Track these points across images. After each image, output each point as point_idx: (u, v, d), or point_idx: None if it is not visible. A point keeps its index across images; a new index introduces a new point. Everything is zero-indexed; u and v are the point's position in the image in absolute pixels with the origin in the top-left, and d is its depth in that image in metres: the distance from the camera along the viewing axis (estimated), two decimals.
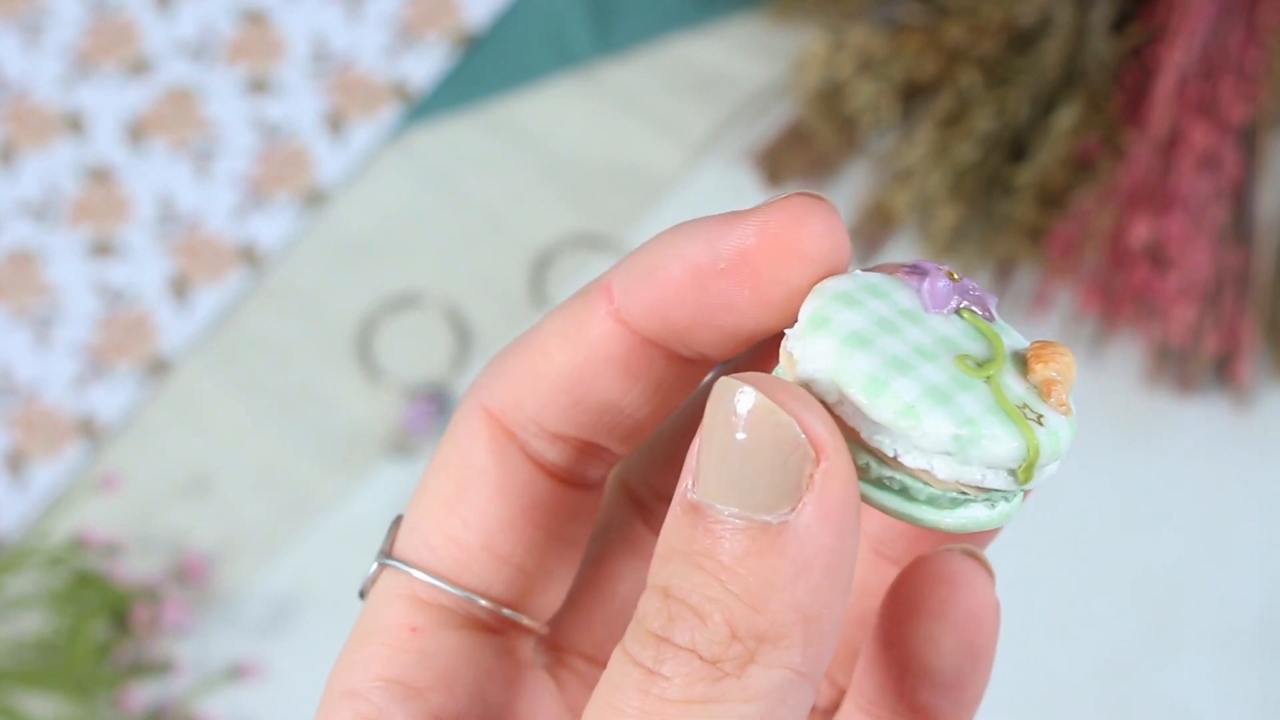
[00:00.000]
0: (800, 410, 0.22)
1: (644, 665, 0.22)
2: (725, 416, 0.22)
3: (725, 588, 0.21)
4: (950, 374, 0.23)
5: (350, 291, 0.73)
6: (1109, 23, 0.67)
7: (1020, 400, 0.23)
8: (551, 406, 0.26)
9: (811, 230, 0.24)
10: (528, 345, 0.27)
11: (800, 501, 0.21)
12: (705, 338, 0.25)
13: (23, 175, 0.76)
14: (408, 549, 0.27)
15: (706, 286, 0.25)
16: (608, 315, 0.26)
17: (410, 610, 0.26)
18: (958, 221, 0.67)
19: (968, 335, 0.24)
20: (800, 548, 0.21)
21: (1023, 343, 0.25)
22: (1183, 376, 0.68)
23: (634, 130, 0.75)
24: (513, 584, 0.27)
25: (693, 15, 0.76)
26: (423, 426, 0.70)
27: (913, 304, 0.24)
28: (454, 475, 0.27)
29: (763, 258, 0.24)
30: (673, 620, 0.22)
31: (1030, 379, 0.24)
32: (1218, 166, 0.65)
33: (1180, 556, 0.67)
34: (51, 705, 0.65)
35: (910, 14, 0.70)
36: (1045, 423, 0.23)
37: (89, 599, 0.66)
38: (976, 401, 0.23)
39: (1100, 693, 0.65)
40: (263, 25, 0.78)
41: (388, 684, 0.26)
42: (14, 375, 0.73)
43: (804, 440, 0.21)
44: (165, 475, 0.71)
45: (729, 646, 0.21)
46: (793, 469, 0.21)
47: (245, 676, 0.67)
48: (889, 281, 0.24)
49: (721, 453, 0.22)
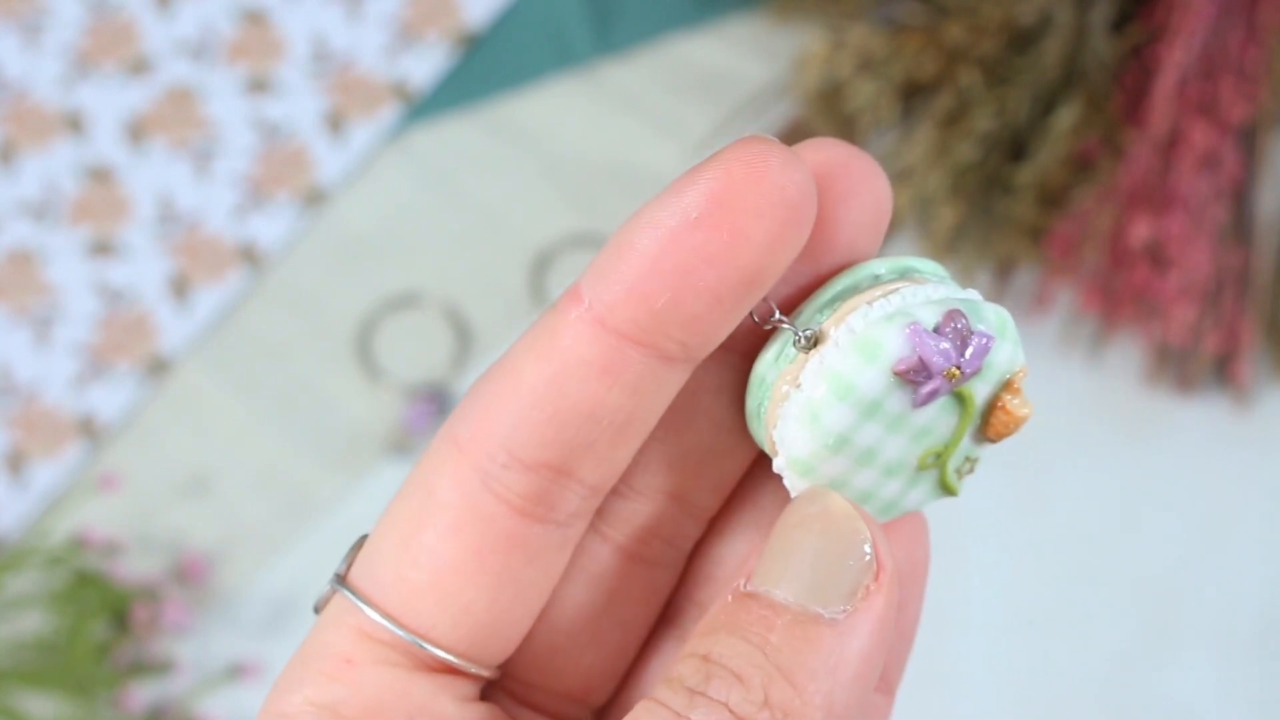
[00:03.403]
0: (875, 530, 0.24)
1: (673, 709, 0.23)
2: (808, 515, 0.24)
3: (769, 659, 0.23)
4: (906, 480, 0.27)
5: (350, 291, 0.73)
6: (1109, 22, 0.67)
7: (962, 458, 0.27)
8: (525, 425, 0.25)
9: (775, 161, 0.24)
10: (500, 369, 0.26)
11: (855, 605, 0.24)
12: (688, 310, 0.24)
13: (23, 175, 0.76)
14: (361, 577, 0.27)
15: (682, 244, 0.24)
16: (579, 319, 0.25)
17: (351, 641, 0.26)
18: (958, 221, 0.67)
19: (945, 410, 0.26)
20: (844, 645, 0.23)
21: (1001, 364, 0.26)
22: (1183, 376, 0.68)
23: (634, 130, 0.75)
24: (459, 626, 0.26)
25: (693, 15, 0.76)
26: (423, 426, 0.70)
27: (905, 406, 0.25)
28: (413, 508, 0.26)
29: (734, 194, 0.24)
30: (710, 679, 0.23)
31: (989, 437, 0.27)
32: (1218, 166, 0.65)
33: (1180, 556, 0.67)
34: (51, 705, 0.65)
35: (910, 14, 0.70)
36: (977, 465, 0.28)
37: (89, 599, 0.66)
38: (921, 493, 0.27)
39: (1100, 692, 0.65)
40: (263, 25, 0.78)
41: (317, 710, 0.26)
42: (14, 375, 0.73)
43: (871, 554, 0.24)
44: (165, 475, 0.71)
45: (760, 710, 0.23)
46: (854, 575, 0.24)
47: (245, 676, 0.67)
48: (893, 386, 0.25)
49: (797, 548, 0.24)
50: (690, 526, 0.29)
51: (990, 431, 0.26)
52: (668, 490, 0.28)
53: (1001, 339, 0.25)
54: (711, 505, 0.29)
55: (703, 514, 0.29)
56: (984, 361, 0.25)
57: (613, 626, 0.29)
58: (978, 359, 0.25)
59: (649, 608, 0.29)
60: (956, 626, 0.65)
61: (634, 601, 0.29)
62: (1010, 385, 0.26)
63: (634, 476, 0.28)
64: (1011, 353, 0.26)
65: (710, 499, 0.29)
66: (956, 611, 0.65)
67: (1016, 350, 0.26)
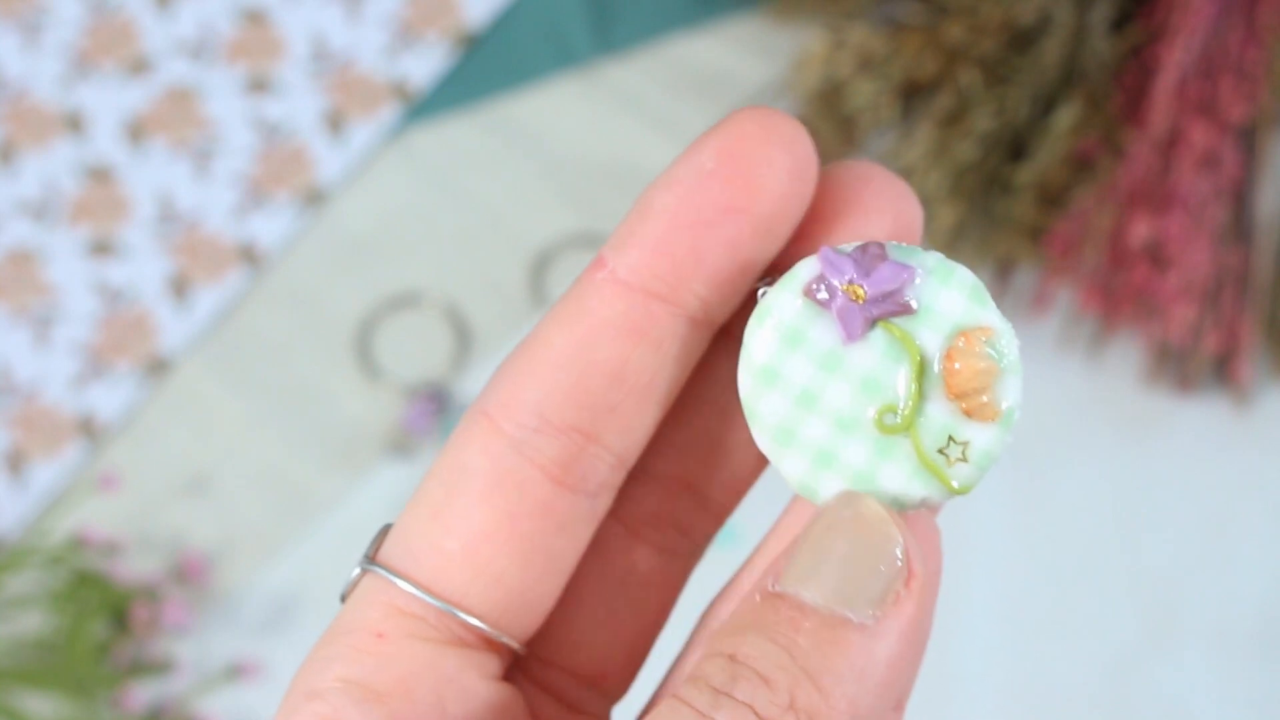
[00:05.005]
0: (907, 535, 0.24)
1: (698, 709, 0.23)
2: (841, 519, 0.24)
3: (795, 661, 0.23)
4: (871, 445, 0.25)
5: (350, 291, 0.73)
6: (1109, 22, 0.67)
7: (944, 435, 0.25)
8: (555, 390, 0.26)
9: (780, 120, 0.26)
10: (528, 341, 0.27)
11: (884, 611, 0.23)
12: (709, 262, 0.26)
13: (22, 175, 0.76)
14: (392, 556, 0.27)
15: (699, 198, 0.25)
16: (604, 281, 0.26)
17: (381, 616, 0.26)
18: (957, 221, 0.67)
19: (889, 358, 0.25)
20: (873, 650, 0.23)
21: (953, 315, 0.25)
22: (1183, 376, 0.68)
23: (634, 130, 0.75)
24: (491, 595, 0.26)
25: (693, 15, 0.76)
26: (422, 426, 0.70)
27: (831, 341, 0.25)
28: (444, 481, 0.27)
29: (746, 147, 0.25)
30: (736, 679, 0.23)
31: (950, 397, 0.25)
32: (1217, 166, 0.65)
33: (1180, 556, 0.67)
34: (51, 705, 0.65)
35: (910, 13, 0.70)
36: (970, 452, 0.25)
37: (89, 598, 0.66)
38: (901, 470, 0.25)
39: (1100, 692, 0.65)
40: (262, 25, 0.78)
41: (347, 685, 0.26)
42: (14, 375, 0.73)
43: (903, 560, 0.24)
44: (165, 475, 0.71)
45: (785, 713, 0.22)
46: (885, 580, 0.23)
47: (245, 676, 0.67)
48: (808, 311, 0.25)
49: (828, 550, 0.24)
50: (704, 520, 0.29)
51: (950, 390, 0.25)
52: (679, 476, 0.29)
53: (943, 285, 0.25)
54: (723, 501, 0.29)
55: (715, 509, 0.29)
56: (909, 296, 0.25)
57: (627, 610, 0.29)
58: (888, 283, 0.25)
59: (664, 598, 0.29)
60: (955, 626, 0.65)
61: (648, 587, 0.29)
62: (964, 334, 0.25)
63: (647, 460, 0.29)
64: (968, 307, 0.25)
65: (721, 494, 0.29)
66: (955, 611, 0.65)
67: (979, 309, 0.25)
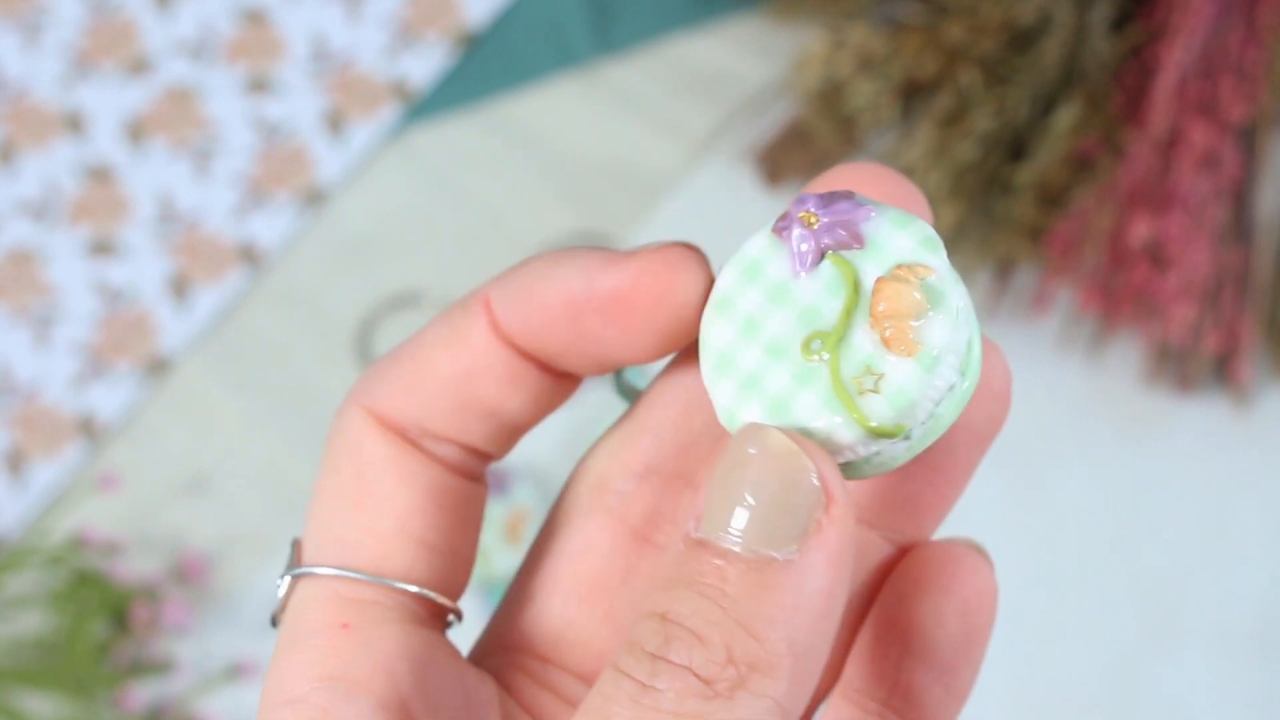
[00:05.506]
0: (819, 459, 0.23)
1: (637, 679, 0.22)
2: (748, 456, 0.23)
3: (726, 613, 0.22)
4: (794, 371, 0.25)
5: (350, 291, 0.73)
6: (1109, 22, 0.67)
7: (862, 366, 0.24)
8: (437, 411, 0.27)
9: (684, 280, 0.26)
10: (411, 353, 0.27)
11: (807, 543, 0.23)
12: (578, 363, 0.27)
13: (22, 175, 0.76)
14: (324, 556, 0.27)
15: (580, 318, 0.26)
16: (487, 327, 0.27)
17: (338, 611, 0.26)
18: (958, 221, 0.67)
19: (832, 289, 0.25)
20: (801, 586, 0.23)
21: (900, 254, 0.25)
22: (1183, 376, 0.68)
23: (634, 130, 0.75)
24: (432, 566, 0.27)
25: (693, 15, 0.76)
26: None
27: (784, 274, 0.25)
28: (351, 473, 0.27)
29: (634, 301, 0.26)
30: (669, 641, 0.22)
31: (872, 325, 0.25)
32: (1217, 166, 0.65)
33: (1180, 556, 0.67)
34: (51, 705, 0.65)
35: (910, 13, 0.70)
36: (884, 385, 0.24)
37: (89, 598, 0.66)
38: (815, 397, 0.24)
39: (1100, 692, 0.65)
40: (262, 25, 0.78)
41: (327, 682, 0.25)
42: (14, 374, 0.73)
43: (818, 486, 0.23)
44: (165, 475, 0.71)
45: (724, 669, 0.22)
46: (803, 512, 0.23)
47: (245, 676, 0.67)
48: (772, 247, 0.25)
49: (738, 490, 0.23)
50: None
51: (874, 315, 0.25)
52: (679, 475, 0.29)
53: (898, 229, 0.25)
54: None
55: None
56: (861, 229, 0.25)
57: (625, 609, 0.29)
58: (843, 215, 0.25)
59: None
60: None
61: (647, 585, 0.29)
62: (902, 266, 0.25)
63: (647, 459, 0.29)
64: (915, 249, 0.25)
65: None
66: None
67: (927, 254, 0.25)
